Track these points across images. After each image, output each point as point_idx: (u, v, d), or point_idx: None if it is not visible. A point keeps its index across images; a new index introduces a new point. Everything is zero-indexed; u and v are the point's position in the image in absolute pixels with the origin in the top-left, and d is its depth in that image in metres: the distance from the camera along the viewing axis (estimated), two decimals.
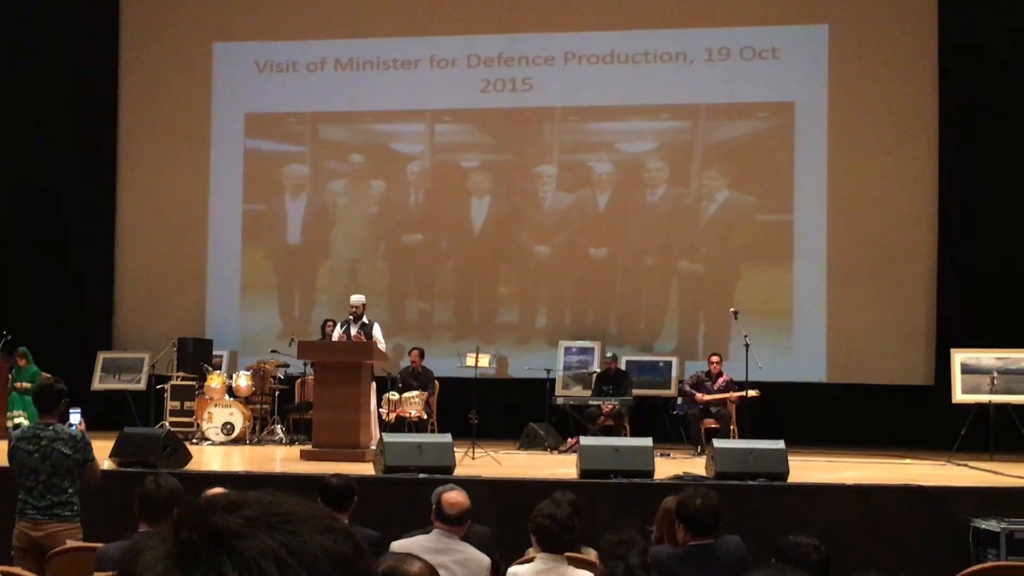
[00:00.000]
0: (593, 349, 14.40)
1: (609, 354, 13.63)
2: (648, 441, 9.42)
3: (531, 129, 15.52)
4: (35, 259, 15.29)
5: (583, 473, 8.87)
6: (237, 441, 12.43)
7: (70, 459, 6.38)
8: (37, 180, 15.39)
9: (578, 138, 15.48)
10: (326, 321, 13.79)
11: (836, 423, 13.24)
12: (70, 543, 6.06)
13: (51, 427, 6.47)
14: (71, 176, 15.51)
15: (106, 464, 8.30)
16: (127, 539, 5.35)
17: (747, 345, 12.35)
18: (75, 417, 10.73)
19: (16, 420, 12.40)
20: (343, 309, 12.45)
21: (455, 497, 5.58)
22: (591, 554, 5.97)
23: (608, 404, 12.64)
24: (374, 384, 11.48)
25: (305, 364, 12.86)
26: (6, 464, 6.56)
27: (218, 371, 13.43)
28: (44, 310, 14.58)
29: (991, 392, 11.93)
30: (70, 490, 6.40)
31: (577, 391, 13.83)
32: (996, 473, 9.92)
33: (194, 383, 13.39)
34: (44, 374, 12.89)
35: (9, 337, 13.11)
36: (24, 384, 13.04)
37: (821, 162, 14.57)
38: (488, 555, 5.59)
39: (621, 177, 15.28)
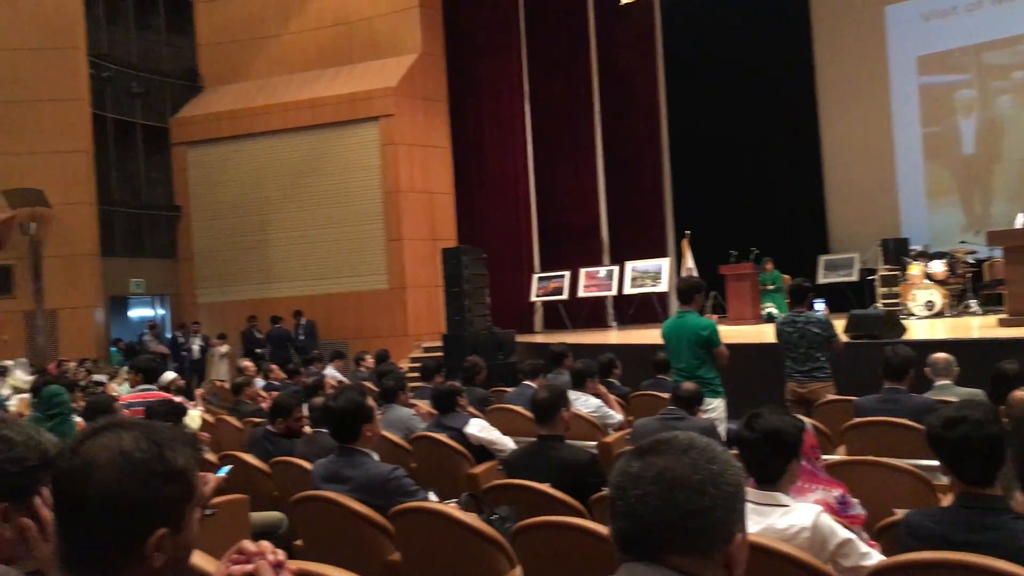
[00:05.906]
0: None
1: None
2: None
3: None
4: (764, 196, 15.39)
5: None
6: (938, 315, 11.60)
7: (820, 336, 6.36)
8: (751, 131, 15.37)
9: None
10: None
11: None
12: (829, 397, 6.04)
13: (803, 314, 6.51)
14: (782, 124, 15.43)
15: (843, 338, 8.17)
16: (876, 393, 5.17)
17: None
18: (819, 305, 10.74)
19: (767, 310, 12.75)
20: (1020, 200, 10.95)
21: None
22: None
23: None
24: None
25: (991, 248, 11.55)
26: (773, 341, 6.70)
27: (916, 261, 12.61)
28: (777, 230, 14.71)
29: None
30: (822, 358, 6.38)
31: None
32: None
33: (897, 272, 12.77)
34: (784, 275, 13.12)
35: (758, 251, 13.45)
36: (768, 285, 13.35)
37: None
38: None
39: None
